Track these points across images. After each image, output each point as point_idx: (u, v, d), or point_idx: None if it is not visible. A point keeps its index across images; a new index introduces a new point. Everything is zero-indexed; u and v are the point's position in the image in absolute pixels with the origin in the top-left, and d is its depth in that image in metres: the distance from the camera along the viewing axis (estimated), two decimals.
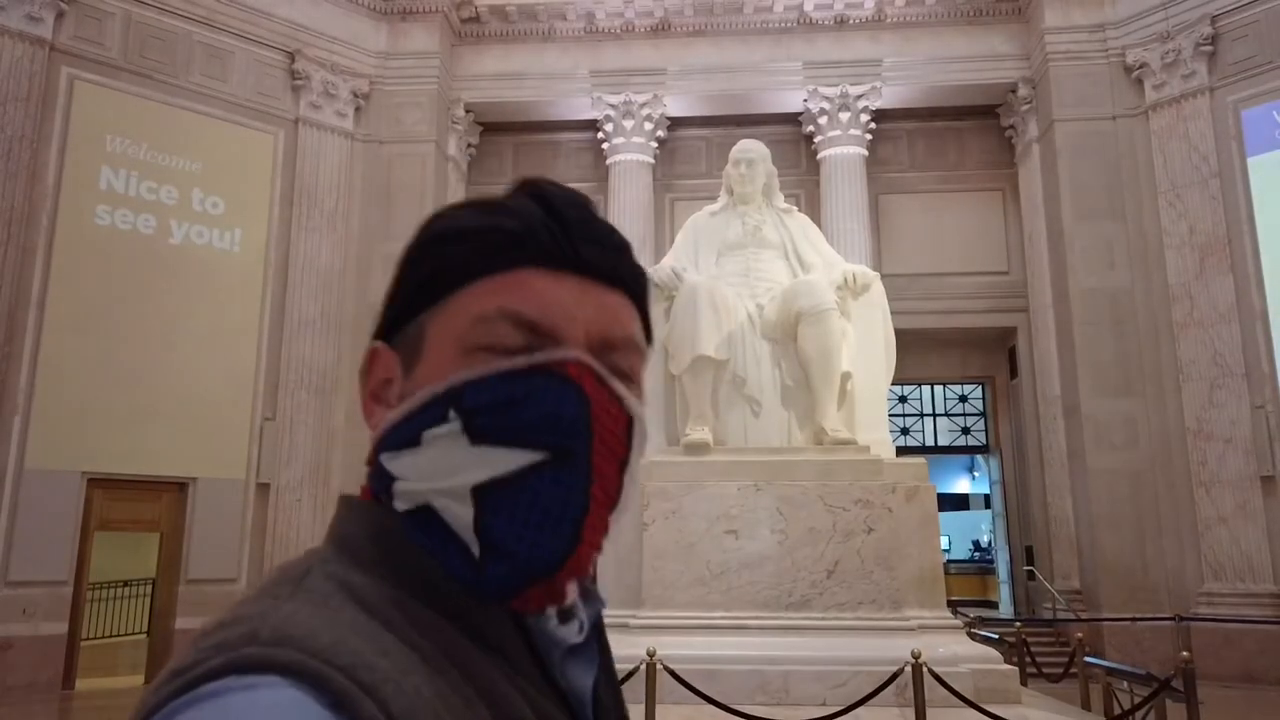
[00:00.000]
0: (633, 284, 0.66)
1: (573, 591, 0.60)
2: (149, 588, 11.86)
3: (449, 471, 0.57)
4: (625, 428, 0.60)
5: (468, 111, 14.91)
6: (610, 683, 0.67)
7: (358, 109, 13.72)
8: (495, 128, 15.46)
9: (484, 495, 0.57)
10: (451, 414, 0.58)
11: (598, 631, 0.67)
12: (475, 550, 0.57)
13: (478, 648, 0.56)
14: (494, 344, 0.59)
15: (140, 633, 12.16)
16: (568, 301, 0.61)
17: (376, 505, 0.61)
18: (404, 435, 0.60)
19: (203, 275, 11.85)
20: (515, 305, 0.59)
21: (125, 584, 12.71)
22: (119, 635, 12.54)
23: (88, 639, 11.14)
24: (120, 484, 11.02)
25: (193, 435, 11.35)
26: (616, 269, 0.64)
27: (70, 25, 11.36)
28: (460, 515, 0.57)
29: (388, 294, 0.66)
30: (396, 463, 0.60)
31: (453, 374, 0.59)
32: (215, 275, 11.98)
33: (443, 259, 0.62)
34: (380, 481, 0.61)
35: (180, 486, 11.44)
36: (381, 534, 0.59)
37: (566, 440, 0.57)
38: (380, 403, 0.63)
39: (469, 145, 15.24)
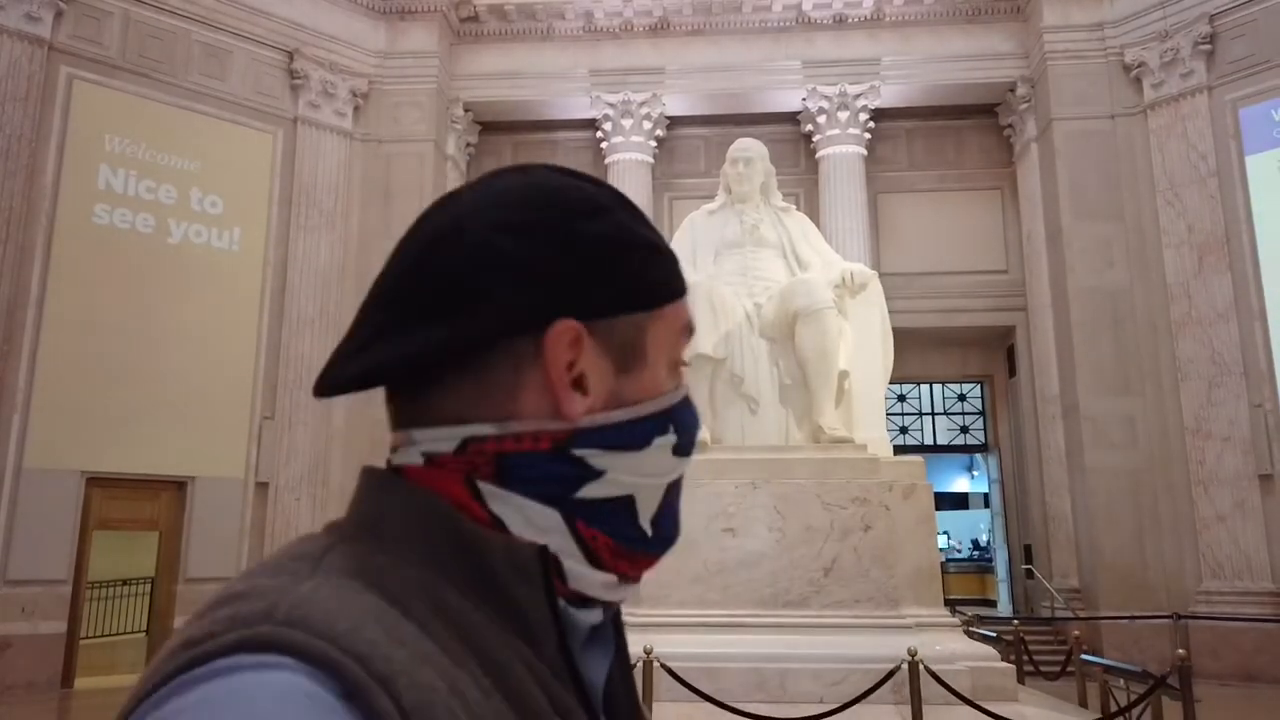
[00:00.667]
0: None
1: (592, 617, 0.64)
2: (148, 586, 11.87)
3: (659, 473, 0.64)
4: None
5: (466, 111, 14.92)
6: (625, 675, 0.67)
7: (356, 108, 13.73)
8: (494, 127, 15.46)
9: (667, 494, 0.65)
10: (671, 428, 0.64)
11: (616, 624, 0.67)
12: (649, 533, 0.64)
13: (504, 634, 0.55)
14: (680, 362, 0.67)
15: (139, 631, 12.17)
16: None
17: (418, 488, 0.59)
18: (631, 436, 0.62)
19: (202, 275, 11.86)
20: (689, 332, 0.68)
21: (124, 583, 12.73)
22: (118, 634, 12.56)
23: (87, 638, 11.15)
24: (119, 483, 11.03)
25: (192, 434, 11.35)
26: None
27: (69, 24, 11.36)
28: (650, 506, 0.64)
29: (563, 269, 0.60)
30: (607, 458, 0.61)
31: (666, 387, 0.65)
32: (214, 274, 11.98)
33: (662, 270, 0.66)
34: (560, 470, 0.60)
35: (179, 485, 11.45)
36: (429, 516, 0.58)
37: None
38: (581, 391, 0.60)
39: (468, 144, 15.25)
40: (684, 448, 0.65)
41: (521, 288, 0.58)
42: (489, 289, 0.58)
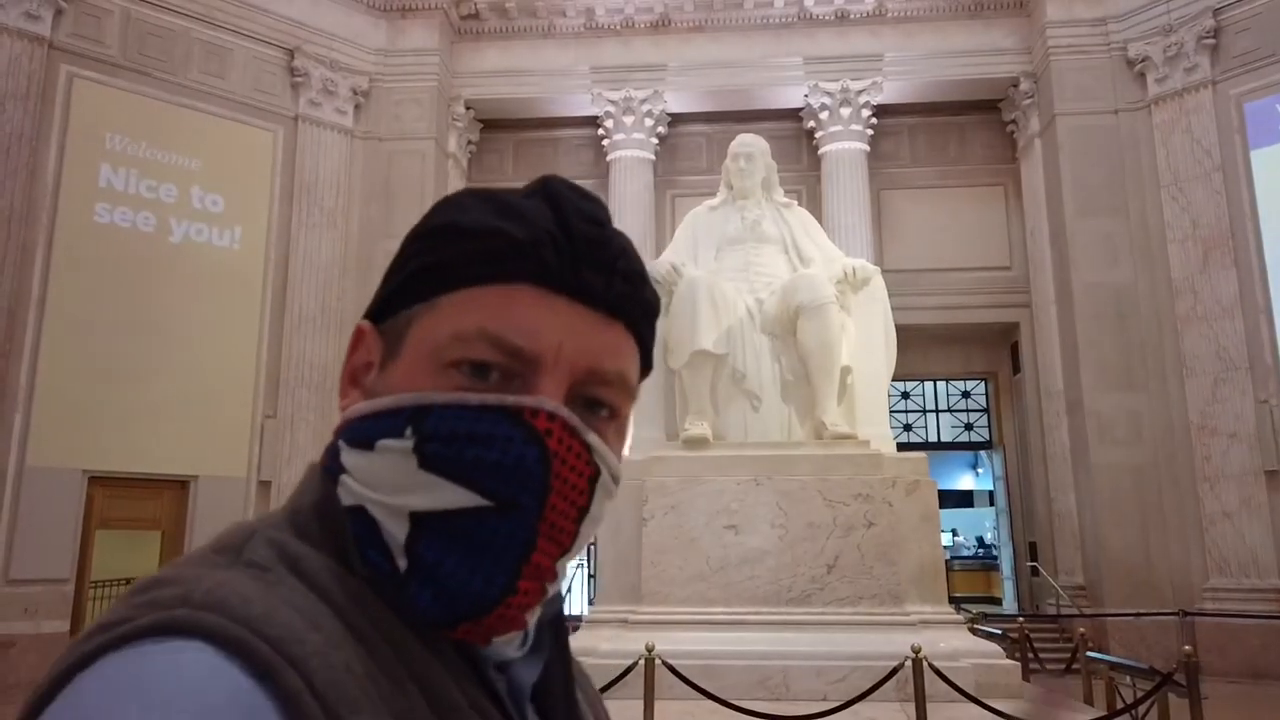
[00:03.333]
0: (636, 317, 0.63)
1: (506, 642, 0.58)
2: None
3: (393, 488, 0.56)
4: (591, 476, 0.58)
5: (468, 108, 14.89)
6: (563, 672, 0.65)
7: (357, 106, 13.71)
8: (495, 124, 15.44)
9: (421, 521, 0.55)
10: (408, 431, 0.56)
11: (555, 629, 0.65)
12: (402, 565, 0.55)
13: (412, 633, 0.55)
14: (470, 361, 0.57)
15: None
16: (557, 329, 0.58)
17: (330, 481, 0.60)
18: (361, 434, 0.58)
19: (203, 273, 11.85)
20: (499, 327, 0.57)
21: (127, 581, 12.71)
22: None
23: None
24: (121, 482, 11.03)
25: (194, 433, 11.34)
26: (621, 301, 0.61)
27: (69, 23, 11.35)
28: (394, 532, 0.56)
29: (385, 273, 0.63)
30: (349, 456, 0.58)
31: (422, 386, 0.57)
32: (215, 273, 11.97)
33: (441, 255, 0.60)
34: (334, 464, 0.60)
35: (181, 484, 11.44)
36: (329, 510, 0.58)
37: (517, 493, 0.55)
38: (356, 386, 0.62)
39: (469, 142, 15.22)
40: (434, 460, 0.55)
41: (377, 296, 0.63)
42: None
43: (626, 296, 0.61)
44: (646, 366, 0.66)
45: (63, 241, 10.96)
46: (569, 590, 15.18)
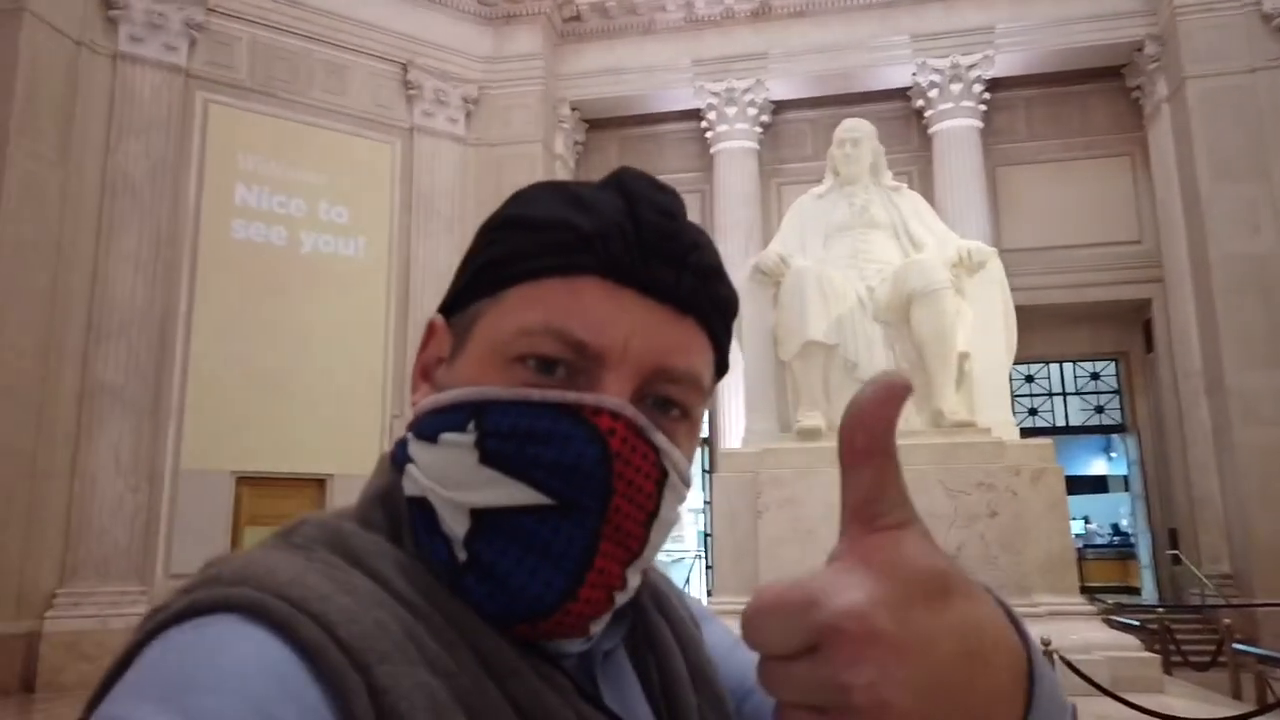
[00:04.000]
0: (709, 314, 0.60)
1: (572, 647, 0.57)
2: None
3: (455, 483, 0.55)
4: (658, 479, 0.56)
5: (573, 109, 15.13)
6: (676, 637, 0.65)
7: (468, 114, 14.12)
8: (600, 123, 15.64)
9: (481, 518, 0.54)
10: (471, 426, 0.55)
11: (638, 609, 0.65)
12: (461, 558, 0.55)
13: (469, 607, 0.55)
14: (535, 356, 0.56)
15: None
16: (624, 324, 0.56)
17: (396, 471, 0.61)
18: (427, 427, 0.58)
19: (331, 282, 12.47)
20: (563, 321, 0.56)
21: None
22: None
23: None
24: (266, 481, 11.74)
25: (329, 433, 11.97)
26: (693, 296, 0.59)
27: (202, 52, 12.11)
28: (454, 527, 0.55)
29: (458, 267, 0.64)
30: (416, 449, 0.59)
31: (487, 380, 0.56)
32: (343, 281, 12.58)
33: (508, 247, 0.59)
34: (402, 455, 0.61)
35: (319, 482, 12.09)
36: (391, 497, 0.60)
37: (577, 493, 0.53)
38: (427, 380, 0.62)
39: (575, 142, 15.47)
40: (494, 455, 0.54)
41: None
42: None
43: (698, 291, 0.59)
44: (722, 367, 0.63)
45: (204, 258, 11.73)
46: (687, 582, 15.29)
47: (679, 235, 0.59)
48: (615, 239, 0.57)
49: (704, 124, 14.87)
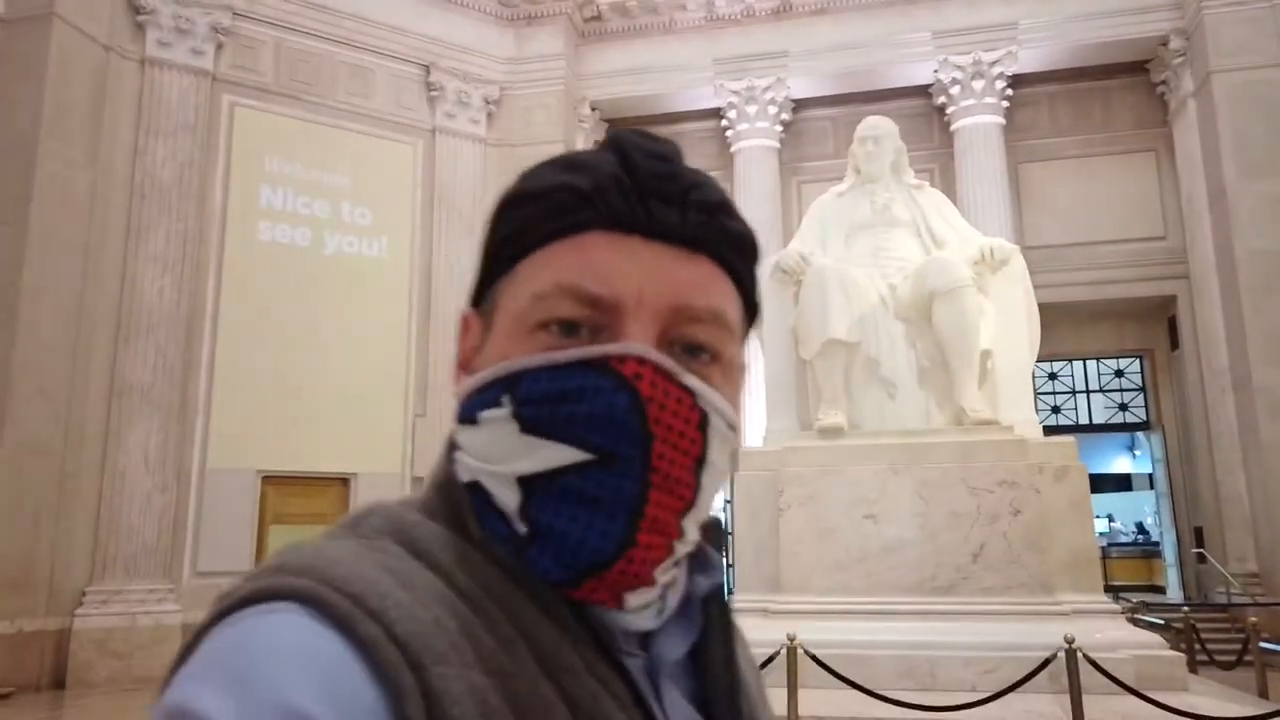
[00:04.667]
0: (723, 249, 0.60)
1: (634, 600, 0.56)
2: None
3: (500, 456, 0.56)
4: (699, 422, 0.56)
5: (594, 109, 15.18)
6: (724, 653, 0.64)
7: (489, 115, 14.20)
8: (621, 123, 15.66)
9: (531, 485, 0.55)
10: (505, 399, 0.56)
11: (717, 602, 0.64)
12: (521, 530, 0.56)
13: (528, 596, 0.55)
14: (556, 320, 0.57)
15: None
16: (634, 272, 0.57)
17: (449, 461, 0.62)
18: (467, 410, 0.59)
19: (355, 283, 12.58)
20: (573, 278, 0.57)
21: None
22: None
23: None
24: (291, 480, 11.87)
25: (353, 433, 12.08)
26: (701, 231, 0.59)
27: (229, 55, 12.25)
28: (508, 501, 0.56)
29: (480, 258, 0.65)
30: (462, 434, 0.60)
31: (514, 353, 0.57)
32: (366, 282, 12.69)
33: (514, 223, 0.60)
34: (453, 444, 0.62)
35: (343, 481, 12.21)
36: (448, 486, 0.61)
37: (615, 443, 0.54)
38: (466, 371, 0.63)
39: (596, 142, 15.30)
40: (531, 422, 0.55)
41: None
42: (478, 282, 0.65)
43: (705, 227, 0.59)
44: (751, 307, 0.63)
45: (231, 259, 11.87)
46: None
47: (676, 176, 0.59)
48: (612, 190, 0.57)
49: (724, 123, 14.87)
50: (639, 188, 0.58)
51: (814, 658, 5.60)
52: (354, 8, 13.04)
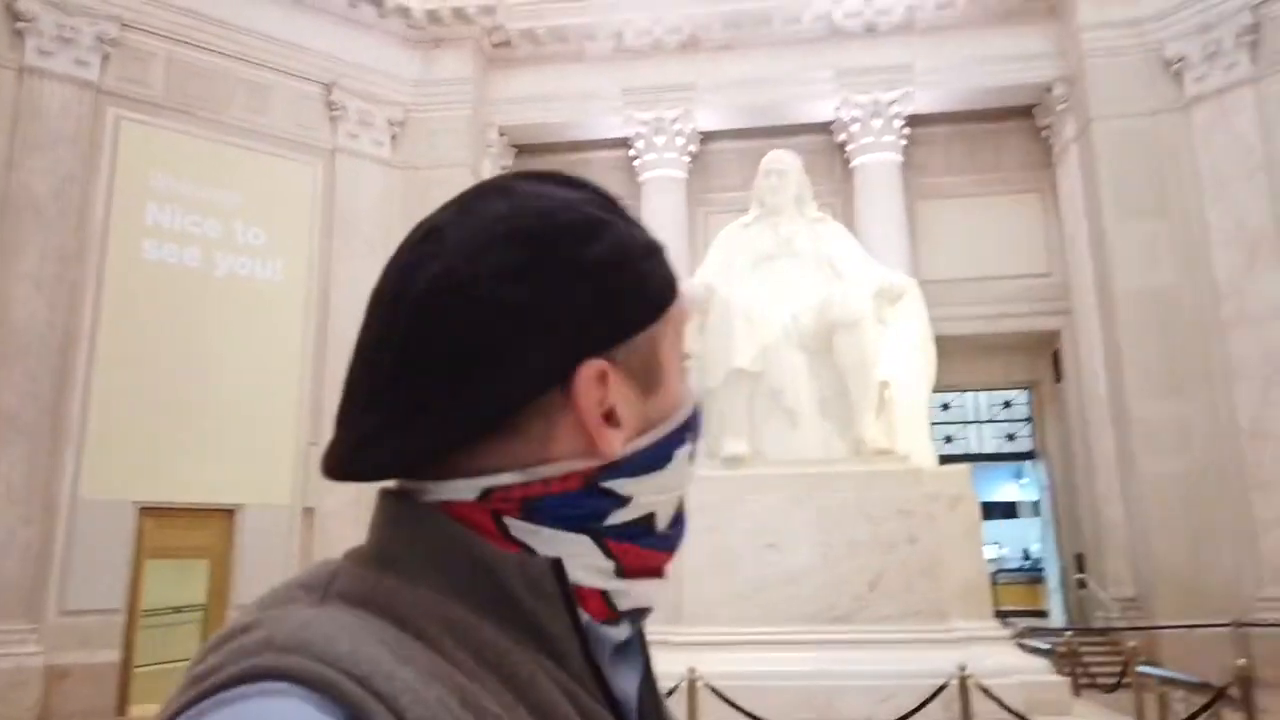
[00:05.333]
0: None
1: (622, 634, 0.62)
2: (200, 614, 12.07)
3: (680, 484, 0.63)
4: None
5: (501, 134, 15.08)
6: (652, 687, 0.66)
7: (394, 137, 13.95)
8: (529, 149, 15.62)
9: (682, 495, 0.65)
10: (689, 437, 0.64)
11: (640, 639, 0.66)
12: (668, 533, 0.63)
13: (525, 650, 0.54)
14: (687, 355, 0.65)
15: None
16: None
17: (434, 513, 0.57)
18: (656, 457, 0.61)
19: (247, 306, 12.11)
20: (687, 313, 0.66)
21: (177, 610, 12.94)
22: (171, 661, 12.76)
23: (141, 666, 11.35)
24: (171, 512, 11.27)
25: (239, 462, 11.57)
26: None
27: (115, 67, 11.71)
28: (668, 512, 0.63)
29: (562, 306, 0.57)
30: (634, 484, 0.60)
31: (684, 397, 0.64)
32: (259, 305, 12.23)
33: (666, 265, 0.63)
34: (577, 503, 0.58)
35: (228, 513, 11.66)
36: (443, 538, 0.56)
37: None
38: (613, 425, 0.59)
39: (503, 167, 15.41)
40: (696, 452, 0.65)
41: (545, 341, 0.56)
42: (512, 351, 0.55)
43: None
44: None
45: (112, 278, 11.27)
46: None
47: None
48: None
49: (632, 152, 14.97)
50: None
51: (714, 690, 5.56)
52: (252, 23, 12.65)
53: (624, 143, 15.10)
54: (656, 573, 0.62)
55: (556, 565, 0.56)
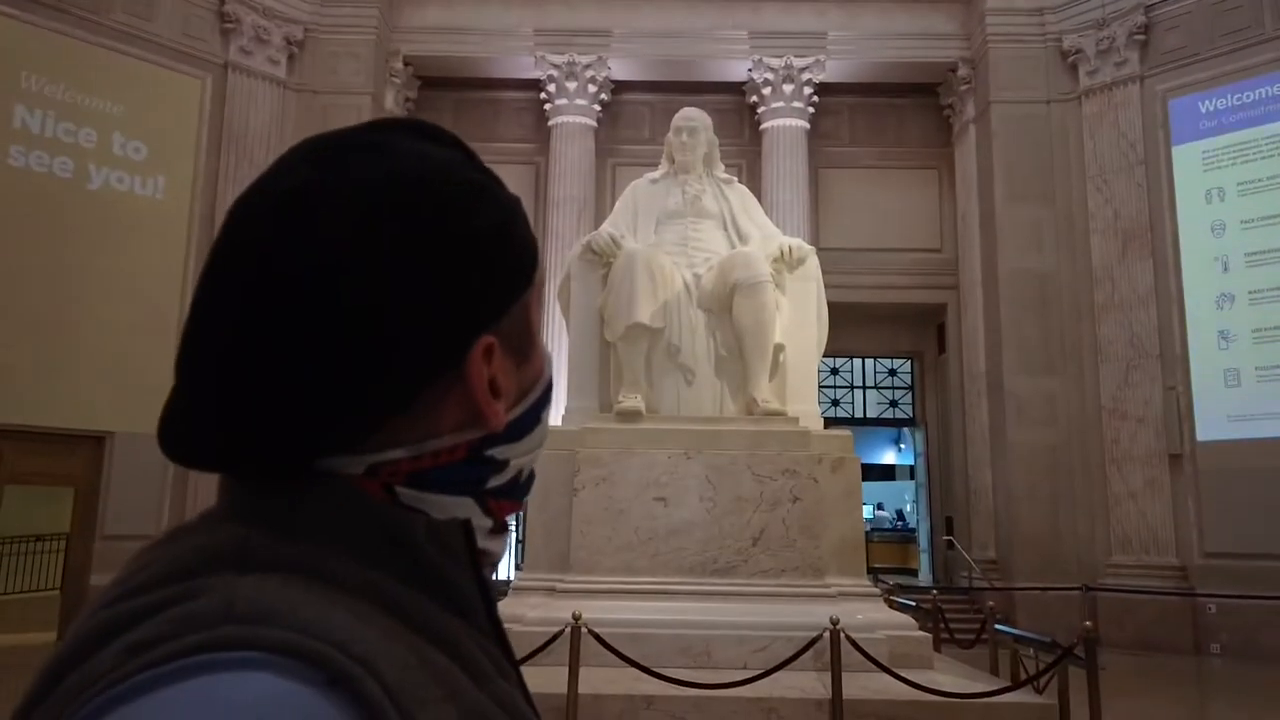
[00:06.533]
0: None
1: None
2: (63, 543, 11.52)
3: (543, 440, 0.66)
4: None
5: (407, 64, 14.55)
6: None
7: (291, 57, 13.28)
8: (435, 82, 15.12)
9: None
10: (550, 396, 0.67)
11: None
12: (529, 485, 0.66)
13: (440, 611, 0.53)
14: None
15: (53, 589, 11.83)
16: None
17: (328, 477, 0.54)
18: (529, 420, 0.64)
19: (123, 223, 11.41)
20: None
21: (37, 539, 12.33)
22: (30, 591, 12.19)
23: None
24: (34, 436, 10.65)
25: (111, 388, 10.99)
26: None
27: None
28: (530, 469, 0.66)
29: (458, 284, 0.55)
30: (511, 448, 0.62)
31: (546, 355, 0.66)
32: (136, 223, 11.54)
33: (527, 234, 0.62)
34: (462, 472, 0.59)
35: (97, 440, 11.10)
36: (347, 504, 0.54)
37: None
38: (499, 399, 0.59)
39: (407, 99, 14.89)
40: (551, 402, 0.67)
41: (440, 322, 0.54)
42: (405, 335, 0.52)
43: None
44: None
45: None
46: None
47: None
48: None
49: (543, 95, 14.67)
50: None
51: (596, 636, 5.65)
52: None
53: (535, 84, 14.79)
54: (506, 526, 0.65)
55: (466, 525, 0.58)
